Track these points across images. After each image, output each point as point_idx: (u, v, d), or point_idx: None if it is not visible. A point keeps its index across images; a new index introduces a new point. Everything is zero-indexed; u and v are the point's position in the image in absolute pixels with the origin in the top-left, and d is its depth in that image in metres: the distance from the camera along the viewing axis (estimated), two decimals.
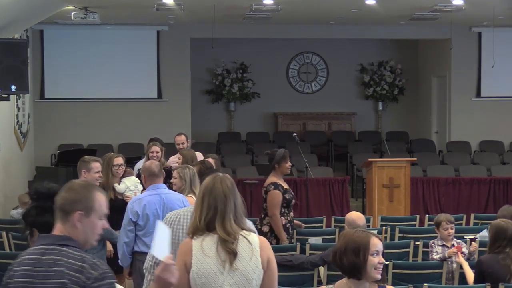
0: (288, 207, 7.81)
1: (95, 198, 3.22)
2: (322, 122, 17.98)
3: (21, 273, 3.13)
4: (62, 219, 3.18)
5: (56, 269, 3.07)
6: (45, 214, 3.53)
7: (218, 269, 3.70)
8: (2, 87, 10.44)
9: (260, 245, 3.79)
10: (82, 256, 3.11)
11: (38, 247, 3.18)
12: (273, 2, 12.49)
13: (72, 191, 3.21)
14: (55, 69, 15.67)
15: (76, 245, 3.16)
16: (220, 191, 3.79)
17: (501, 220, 6.08)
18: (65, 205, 3.18)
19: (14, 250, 8.15)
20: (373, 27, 16.16)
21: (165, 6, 12.40)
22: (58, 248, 3.12)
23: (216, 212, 3.75)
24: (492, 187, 13.53)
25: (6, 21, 10.94)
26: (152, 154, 9.23)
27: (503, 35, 15.60)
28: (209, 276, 3.70)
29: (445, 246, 7.00)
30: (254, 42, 17.66)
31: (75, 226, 3.16)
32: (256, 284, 3.76)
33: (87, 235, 3.20)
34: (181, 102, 16.07)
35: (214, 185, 3.81)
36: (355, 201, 14.34)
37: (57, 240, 3.15)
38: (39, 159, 15.20)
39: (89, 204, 3.19)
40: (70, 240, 3.15)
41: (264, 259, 3.78)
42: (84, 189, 3.22)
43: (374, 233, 3.64)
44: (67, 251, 3.11)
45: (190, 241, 3.77)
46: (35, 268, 3.10)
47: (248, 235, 3.79)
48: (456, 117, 16.67)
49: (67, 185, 3.30)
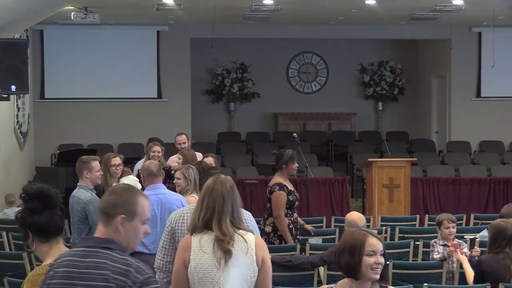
0: (291, 208, 7.81)
1: (138, 202, 3.17)
2: (322, 122, 17.98)
3: (63, 274, 3.09)
4: (104, 222, 3.15)
5: (100, 271, 3.03)
6: (33, 215, 3.49)
7: (214, 265, 3.88)
8: (2, 87, 10.44)
9: (256, 244, 3.96)
10: (126, 259, 3.07)
11: (79, 248, 3.14)
12: (273, 2, 12.48)
13: (115, 195, 3.17)
14: (55, 69, 15.67)
15: (119, 248, 3.12)
16: (219, 192, 3.97)
17: (500, 220, 6.08)
18: (108, 208, 3.14)
19: (14, 250, 8.15)
20: (373, 27, 16.15)
21: (165, 6, 12.39)
22: (101, 251, 3.08)
23: (213, 213, 3.93)
24: (492, 187, 13.53)
25: (6, 21, 10.94)
26: (153, 154, 9.24)
27: (503, 35, 15.60)
28: (206, 271, 3.89)
29: (446, 245, 7.00)
30: (254, 42, 17.66)
31: (118, 230, 3.12)
32: (251, 281, 3.91)
33: (129, 239, 3.16)
34: (181, 102, 16.07)
35: (214, 186, 4.00)
36: (355, 201, 14.34)
37: (100, 242, 3.12)
38: (39, 159, 15.20)
39: (132, 208, 3.15)
40: (113, 243, 3.12)
41: (259, 258, 3.94)
42: (127, 193, 3.18)
43: (374, 233, 3.62)
44: (111, 254, 3.07)
45: (189, 237, 3.97)
46: (77, 270, 3.06)
47: (245, 234, 3.95)
48: (456, 117, 16.67)
49: (110, 188, 3.28)
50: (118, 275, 3.01)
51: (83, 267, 3.06)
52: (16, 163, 13.63)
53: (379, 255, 3.55)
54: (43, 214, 3.49)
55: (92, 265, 3.05)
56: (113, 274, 3.01)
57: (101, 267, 3.04)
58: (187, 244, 3.95)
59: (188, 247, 3.93)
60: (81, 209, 6.60)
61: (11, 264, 7.12)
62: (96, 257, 3.07)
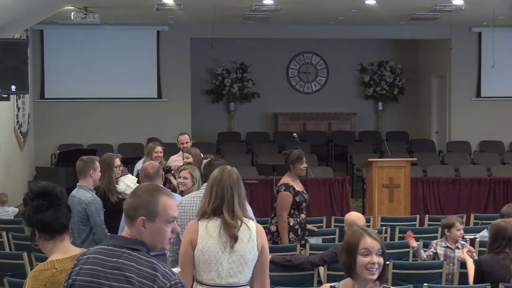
0: (298, 209, 7.78)
1: (159, 202, 3.12)
2: (322, 122, 17.98)
3: (88, 272, 3.08)
4: (128, 224, 3.14)
5: (126, 273, 3.00)
6: (39, 213, 3.51)
7: (219, 249, 4.29)
8: (2, 87, 10.45)
9: (257, 231, 4.39)
10: (153, 263, 3.04)
11: (107, 247, 3.12)
12: (273, 2, 12.49)
13: (135, 196, 3.15)
14: (55, 69, 15.67)
15: (146, 249, 3.09)
16: (227, 183, 4.39)
17: (501, 220, 6.08)
18: (129, 210, 3.13)
19: (14, 250, 8.14)
20: (373, 27, 16.16)
21: (165, 6, 12.40)
22: (128, 251, 3.06)
23: (223, 201, 4.36)
24: (492, 187, 13.53)
25: (6, 21, 10.94)
26: (156, 154, 9.23)
27: (503, 35, 15.61)
28: (211, 254, 4.29)
29: (449, 247, 6.98)
30: (254, 42, 17.66)
31: (141, 231, 3.10)
32: (251, 263, 4.34)
33: (154, 240, 3.12)
34: (181, 102, 16.08)
35: (222, 177, 4.41)
36: (355, 201, 14.34)
37: (127, 243, 3.09)
38: (39, 159, 15.20)
39: (152, 209, 3.10)
40: (140, 244, 3.09)
41: (259, 244, 4.37)
42: (147, 194, 3.14)
43: (372, 232, 3.55)
44: (138, 257, 3.04)
45: (196, 222, 4.38)
46: (103, 269, 3.04)
47: (248, 222, 4.38)
48: (456, 117, 16.67)
49: (134, 189, 3.26)
50: (144, 278, 2.99)
51: (109, 267, 3.04)
52: (16, 163, 13.63)
53: (375, 255, 3.46)
54: (48, 212, 3.48)
55: (118, 266, 3.03)
56: (139, 277, 2.99)
57: (127, 269, 3.01)
58: (194, 228, 4.34)
59: (195, 231, 4.33)
60: (82, 210, 6.58)
61: (11, 264, 7.12)
62: (122, 257, 3.04)
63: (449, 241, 7.00)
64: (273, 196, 12.09)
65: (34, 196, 3.52)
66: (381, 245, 3.51)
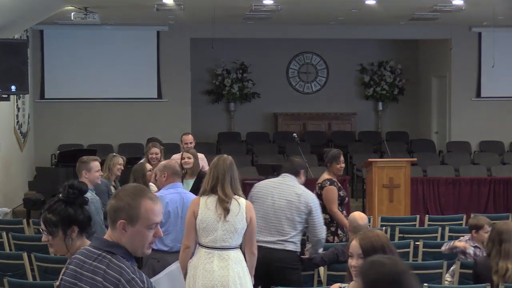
0: (341, 204, 7.80)
1: (142, 206, 3.05)
2: (322, 122, 17.97)
3: (71, 272, 3.10)
4: (110, 226, 3.11)
5: (95, 277, 3.00)
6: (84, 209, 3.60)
7: (215, 219, 5.54)
8: (2, 87, 10.45)
9: (246, 206, 5.63)
10: (122, 268, 3.00)
11: (88, 248, 3.12)
12: (273, 2, 12.49)
13: (117, 198, 3.10)
14: (55, 69, 15.67)
15: (122, 253, 3.05)
16: (222, 167, 5.64)
17: (503, 223, 6.07)
18: (110, 212, 3.10)
19: (14, 250, 8.14)
20: (373, 27, 16.15)
21: (165, 6, 12.39)
22: (103, 254, 3.05)
23: (218, 181, 5.56)
24: (492, 187, 13.52)
25: (6, 21, 10.94)
26: (151, 156, 9.17)
27: (503, 35, 15.61)
28: (208, 223, 5.55)
29: (478, 247, 6.87)
30: (254, 42, 17.66)
31: (122, 234, 3.06)
32: (241, 232, 5.59)
33: (134, 245, 3.07)
34: (181, 102, 16.07)
35: (218, 162, 5.68)
36: (355, 201, 14.34)
37: (105, 245, 3.07)
38: (39, 159, 15.20)
39: (133, 213, 3.04)
40: (117, 247, 3.06)
41: (248, 216, 5.60)
42: (128, 197, 3.08)
43: (361, 234, 3.66)
44: (110, 260, 3.02)
45: (198, 198, 5.66)
46: (81, 271, 3.06)
47: (238, 199, 5.61)
48: (456, 117, 16.67)
49: (117, 190, 3.23)
50: (109, 283, 2.97)
51: (85, 269, 3.05)
52: (16, 163, 13.63)
53: (357, 258, 3.56)
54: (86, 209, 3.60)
55: (92, 269, 3.03)
56: (106, 282, 2.98)
57: (98, 272, 3.01)
58: (197, 202, 5.63)
59: (197, 204, 5.59)
60: None
61: (11, 264, 7.12)
62: (97, 261, 3.04)
63: (477, 241, 6.90)
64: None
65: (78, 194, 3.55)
66: (364, 248, 3.56)
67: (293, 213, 6.41)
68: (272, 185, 6.54)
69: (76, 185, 3.57)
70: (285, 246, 6.34)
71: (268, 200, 6.43)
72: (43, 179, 12.35)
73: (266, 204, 6.42)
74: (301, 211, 6.42)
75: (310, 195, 6.58)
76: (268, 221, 6.39)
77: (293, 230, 6.39)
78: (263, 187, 6.55)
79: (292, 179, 6.61)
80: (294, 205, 6.41)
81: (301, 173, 6.79)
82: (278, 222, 6.38)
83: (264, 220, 6.37)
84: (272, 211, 6.41)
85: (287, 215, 6.39)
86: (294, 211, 6.41)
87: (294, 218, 6.41)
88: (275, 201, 6.43)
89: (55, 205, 3.56)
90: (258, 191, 6.52)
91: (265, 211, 6.41)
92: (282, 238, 6.36)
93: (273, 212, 6.41)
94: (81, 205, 3.56)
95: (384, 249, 3.58)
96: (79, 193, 3.55)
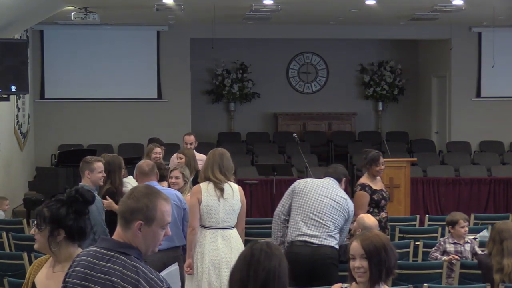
0: (378, 207, 7.74)
1: (157, 207, 3.10)
2: (322, 122, 17.97)
3: (79, 274, 3.08)
4: (122, 226, 3.10)
5: (112, 278, 3.00)
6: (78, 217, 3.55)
7: (216, 202, 6.27)
8: (2, 87, 10.45)
9: (239, 190, 6.42)
10: (137, 268, 3.02)
11: (97, 249, 3.10)
12: (273, 2, 12.49)
13: (134, 199, 3.10)
14: (55, 69, 15.67)
15: (135, 253, 3.07)
16: (212, 158, 6.41)
17: (502, 222, 6.09)
18: (126, 213, 3.09)
19: (14, 250, 8.14)
20: (373, 27, 16.15)
21: (165, 6, 12.39)
22: (116, 255, 3.05)
23: (212, 169, 6.33)
24: (492, 187, 13.52)
25: (6, 21, 10.94)
26: (155, 156, 9.24)
27: (503, 35, 15.60)
28: (212, 206, 6.27)
29: (457, 243, 6.99)
30: (254, 42, 17.66)
31: (136, 235, 3.07)
32: (237, 213, 6.33)
33: (147, 244, 3.10)
34: (181, 102, 16.07)
35: (212, 153, 6.46)
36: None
37: (117, 246, 3.07)
38: (39, 159, 15.20)
39: (150, 214, 3.08)
40: (130, 248, 3.07)
41: (241, 199, 6.39)
42: (145, 198, 3.10)
43: (361, 236, 3.68)
44: (125, 261, 3.03)
45: (199, 186, 6.35)
46: (92, 273, 3.04)
47: (232, 184, 6.39)
48: (456, 117, 16.67)
49: (130, 190, 3.20)
50: (128, 284, 2.98)
51: (97, 271, 3.04)
52: (16, 163, 13.63)
53: (360, 259, 3.58)
54: (83, 218, 3.58)
55: (106, 270, 3.02)
56: (124, 283, 2.98)
57: (113, 273, 3.01)
58: (199, 190, 6.31)
59: (200, 191, 6.29)
60: None
61: (11, 264, 7.12)
62: (111, 262, 3.04)
63: (455, 237, 7.02)
64: (273, 196, 12.10)
65: (80, 200, 3.53)
66: (366, 249, 3.58)
67: (338, 214, 6.50)
68: (317, 183, 6.62)
69: (81, 192, 3.55)
70: (329, 242, 6.42)
71: (313, 196, 6.50)
72: (43, 179, 12.35)
73: (311, 199, 6.50)
74: (344, 214, 6.56)
75: (352, 203, 6.76)
76: (311, 217, 6.45)
77: (335, 229, 6.50)
78: (308, 183, 6.63)
79: (336, 184, 6.69)
80: (340, 206, 6.51)
81: (343, 181, 6.76)
82: (322, 218, 6.43)
83: (306, 215, 6.46)
84: (317, 207, 6.47)
85: (333, 214, 6.46)
86: (339, 212, 6.50)
87: (339, 218, 6.51)
88: (322, 199, 6.49)
89: (53, 202, 3.57)
90: (303, 185, 6.59)
91: (308, 206, 6.49)
92: (326, 234, 6.42)
93: (318, 208, 6.47)
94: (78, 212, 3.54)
95: (386, 248, 3.60)
96: (82, 200, 3.54)
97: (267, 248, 3.00)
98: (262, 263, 2.95)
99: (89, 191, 3.63)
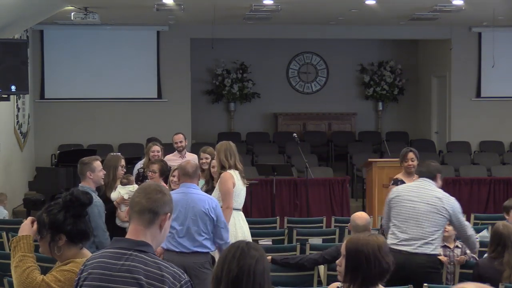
0: None
1: (172, 200, 3.27)
2: (322, 122, 17.97)
3: (97, 276, 3.07)
4: (148, 221, 3.12)
5: (134, 275, 3.01)
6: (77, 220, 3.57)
7: (243, 185, 7.48)
8: (2, 87, 10.44)
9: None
10: (159, 264, 3.06)
11: (113, 250, 3.11)
12: (273, 2, 12.49)
13: (162, 193, 3.17)
14: (55, 69, 15.67)
15: (152, 250, 3.10)
16: (230, 147, 7.42)
17: (501, 224, 6.07)
18: (157, 207, 3.13)
19: None
20: (373, 27, 16.16)
21: (165, 6, 12.39)
22: (135, 254, 3.06)
23: (233, 158, 7.38)
24: (492, 187, 13.52)
25: (6, 21, 10.94)
26: (153, 154, 9.22)
27: (503, 35, 15.61)
28: (240, 190, 7.44)
29: (447, 247, 6.96)
30: (254, 42, 17.66)
31: (161, 227, 3.13)
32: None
33: (161, 239, 3.18)
34: (181, 102, 16.08)
35: (228, 144, 7.44)
36: (355, 201, 14.33)
37: (134, 245, 3.09)
38: (39, 159, 15.20)
39: (172, 206, 3.22)
40: (147, 245, 3.10)
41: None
42: (168, 191, 3.23)
43: (354, 237, 3.75)
44: (145, 258, 3.05)
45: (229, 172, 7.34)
46: (111, 273, 3.05)
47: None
48: (456, 117, 16.67)
49: (152, 187, 3.22)
50: (152, 280, 3.00)
51: (116, 270, 3.04)
52: (16, 163, 13.63)
53: (342, 258, 3.66)
54: (82, 220, 3.62)
55: (126, 268, 3.03)
56: (147, 279, 3.00)
57: (135, 271, 3.02)
58: (231, 175, 7.32)
59: (232, 177, 7.32)
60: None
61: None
62: (130, 260, 3.05)
63: (445, 240, 6.97)
64: (273, 196, 12.10)
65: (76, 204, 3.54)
66: (347, 251, 3.62)
67: (435, 216, 6.34)
68: (410, 189, 6.49)
69: (76, 195, 3.55)
70: (424, 250, 6.26)
71: (408, 204, 6.38)
72: (43, 179, 12.35)
73: (406, 208, 6.37)
74: (443, 214, 6.37)
75: (451, 199, 6.49)
76: (408, 226, 6.31)
77: (433, 234, 6.32)
78: (401, 191, 6.51)
79: (430, 183, 6.52)
80: (436, 209, 6.33)
81: (438, 177, 6.66)
82: (419, 225, 6.30)
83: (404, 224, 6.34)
84: (413, 215, 6.33)
85: (429, 218, 6.31)
86: (436, 214, 6.33)
87: (436, 221, 6.34)
88: (416, 205, 6.35)
89: (52, 207, 3.57)
90: (397, 195, 6.48)
91: (405, 216, 6.35)
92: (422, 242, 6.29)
93: (413, 216, 6.33)
94: (76, 216, 3.53)
95: (369, 257, 3.57)
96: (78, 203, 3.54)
97: (245, 247, 2.99)
98: (236, 260, 2.95)
99: (86, 193, 3.63)
